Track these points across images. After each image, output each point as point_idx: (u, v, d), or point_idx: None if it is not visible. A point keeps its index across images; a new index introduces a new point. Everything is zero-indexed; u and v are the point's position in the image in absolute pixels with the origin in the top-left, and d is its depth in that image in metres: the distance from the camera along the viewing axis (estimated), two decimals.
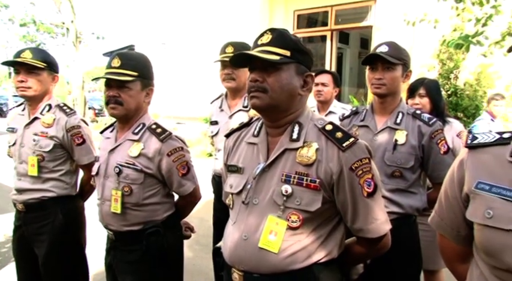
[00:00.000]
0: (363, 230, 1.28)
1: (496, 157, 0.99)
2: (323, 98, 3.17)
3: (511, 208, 0.91)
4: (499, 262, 0.92)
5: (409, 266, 2.00)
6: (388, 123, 1.95)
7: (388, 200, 1.91)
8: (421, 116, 1.93)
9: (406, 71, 1.95)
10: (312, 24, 9.93)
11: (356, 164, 1.24)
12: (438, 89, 2.69)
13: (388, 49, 1.90)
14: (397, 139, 1.90)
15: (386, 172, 1.91)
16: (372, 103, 2.06)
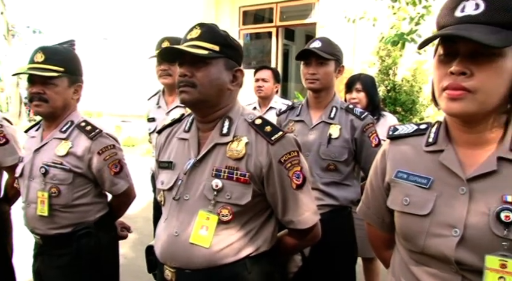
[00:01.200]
0: (293, 222, 1.30)
1: (414, 147, 1.04)
2: (264, 93, 3.20)
3: (425, 194, 0.96)
4: (415, 246, 0.96)
5: (345, 256, 2.07)
6: (323, 117, 1.99)
7: (324, 193, 1.96)
8: (354, 111, 1.99)
9: (339, 66, 2.00)
10: (258, 20, 9.98)
11: (285, 157, 1.25)
12: (374, 84, 2.80)
13: (321, 45, 1.94)
14: (331, 133, 1.95)
15: (322, 165, 1.96)
16: (307, 98, 2.09)
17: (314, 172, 1.97)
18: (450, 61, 0.87)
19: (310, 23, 8.97)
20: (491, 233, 0.86)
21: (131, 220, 4.38)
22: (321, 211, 1.95)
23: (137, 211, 4.54)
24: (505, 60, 0.84)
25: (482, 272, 0.86)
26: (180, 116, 1.50)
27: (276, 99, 3.25)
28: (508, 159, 0.89)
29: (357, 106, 2.63)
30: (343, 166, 1.95)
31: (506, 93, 0.86)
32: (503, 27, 0.82)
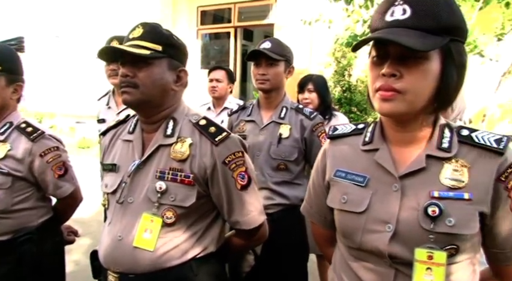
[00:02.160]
0: (239, 223, 1.31)
1: (352, 146, 1.07)
2: (218, 94, 3.19)
3: (361, 192, 0.99)
4: (353, 242, 1.00)
5: (297, 254, 2.10)
6: (273, 118, 2.02)
7: (275, 192, 1.98)
8: (303, 111, 2.03)
9: (289, 67, 2.03)
10: (216, 20, 9.95)
11: (229, 158, 1.26)
12: (325, 84, 2.86)
13: (271, 46, 1.96)
14: (281, 133, 1.98)
15: (272, 165, 1.98)
16: (258, 98, 2.11)
17: (265, 172, 1.99)
18: (382, 63, 0.90)
19: (268, 23, 9.04)
20: (420, 227, 0.90)
21: (85, 224, 4.26)
22: (272, 210, 1.99)
23: (92, 214, 4.40)
24: (430, 63, 0.88)
25: (412, 264, 0.90)
26: (125, 117, 1.47)
27: (230, 99, 3.25)
28: (436, 156, 0.94)
29: (308, 106, 2.69)
30: (294, 165, 1.98)
31: (432, 95, 0.91)
32: (428, 32, 0.86)
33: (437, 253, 0.89)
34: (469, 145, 0.94)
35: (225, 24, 9.59)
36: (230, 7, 9.31)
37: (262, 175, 2.00)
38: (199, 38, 9.74)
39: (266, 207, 1.98)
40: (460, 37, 0.91)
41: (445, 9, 0.87)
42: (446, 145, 0.94)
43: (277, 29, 8.71)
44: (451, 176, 0.91)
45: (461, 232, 0.88)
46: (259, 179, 2.00)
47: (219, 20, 9.90)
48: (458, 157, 0.93)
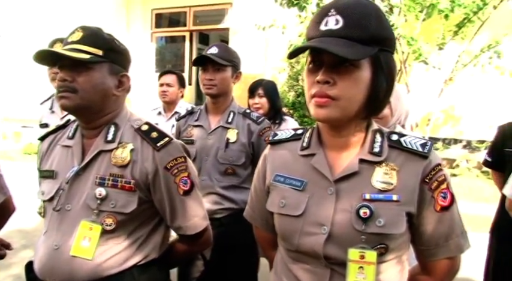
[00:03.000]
0: (182, 228, 1.30)
1: (291, 151, 1.10)
2: (168, 98, 3.17)
3: (299, 196, 1.02)
4: (291, 244, 1.02)
5: (247, 257, 2.12)
6: (221, 122, 2.03)
7: (223, 196, 1.99)
8: (251, 115, 2.05)
9: (236, 72, 2.05)
10: (172, 24, 9.85)
11: (171, 163, 1.25)
12: (275, 89, 2.91)
13: (218, 51, 1.97)
14: (228, 138, 1.99)
15: (220, 169, 1.99)
16: (206, 103, 2.12)
17: (213, 176, 2.00)
18: (317, 71, 0.94)
19: (224, 28, 9.07)
20: (353, 228, 0.94)
21: (29, 234, 4.07)
22: (221, 214, 2.00)
23: (36, 224, 4.20)
24: (361, 72, 0.92)
25: (346, 264, 0.94)
26: (65, 122, 1.43)
27: (181, 104, 3.23)
28: (368, 160, 0.98)
29: (259, 111, 2.72)
30: (241, 170, 2.00)
31: (364, 101, 0.95)
32: (359, 42, 0.90)
33: (369, 253, 0.93)
34: (398, 149, 0.99)
35: (180, 27, 9.52)
36: (185, 11, 9.26)
37: (210, 179, 2.00)
38: (153, 41, 9.60)
39: (214, 212, 2.01)
40: (388, 47, 0.96)
41: (374, 22, 0.92)
42: (377, 150, 0.98)
43: (232, 33, 8.75)
44: (381, 179, 0.96)
45: (390, 231, 0.93)
46: (207, 184, 2.01)
47: (174, 24, 9.82)
48: (388, 161, 0.98)
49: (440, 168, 0.98)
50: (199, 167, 2.03)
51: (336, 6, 0.92)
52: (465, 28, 6.04)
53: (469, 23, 5.96)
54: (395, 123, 1.86)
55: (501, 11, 5.94)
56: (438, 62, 6.04)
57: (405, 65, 6.33)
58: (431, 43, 6.10)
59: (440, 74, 6.40)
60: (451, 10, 5.51)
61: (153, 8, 9.35)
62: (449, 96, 6.76)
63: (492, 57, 5.92)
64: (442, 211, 0.98)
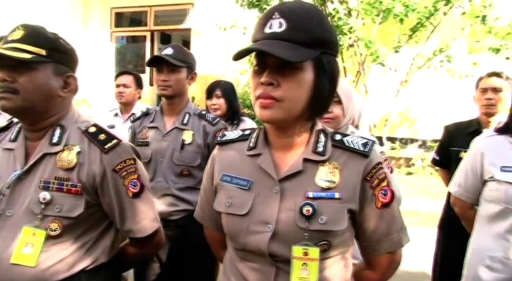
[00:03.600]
0: (132, 231, 1.28)
1: (238, 151, 1.11)
2: (125, 99, 3.11)
3: (245, 195, 1.03)
4: (238, 243, 1.04)
5: (203, 259, 2.11)
6: (176, 124, 2.02)
7: (179, 198, 1.98)
8: (206, 116, 2.05)
9: (191, 73, 2.05)
10: (133, 23, 9.67)
11: (120, 166, 1.24)
12: (233, 90, 2.92)
13: (173, 52, 1.96)
14: (184, 139, 1.99)
15: (175, 171, 1.98)
16: (161, 104, 2.10)
17: (168, 178, 1.99)
18: (262, 72, 0.95)
19: (185, 28, 9.00)
20: (296, 226, 0.96)
21: None
22: (177, 216, 1.99)
23: None
24: (304, 74, 0.94)
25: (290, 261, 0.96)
26: (7, 123, 1.38)
27: (139, 105, 3.18)
28: (312, 160, 1.01)
29: (216, 112, 2.73)
30: (197, 171, 2.00)
31: (308, 102, 0.97)
32: (301, 44, 0.92)
33: (312, 249, 0.95)
34: (341, 148, 1.02)
35: (141, 27, 9.36)
36: (146, 10, 9.11)
37: (165, 181, 1.99)
38: (113, 41, 9.39)
39: (170, 213, 2.00)
40: (331, 50, 0.99)
41: (317, 25, 0.94)
42: (321, 149, 1.01)
43: (194, 34, 8.70)
44: (324, 177, 0.99)
45: (332, 228, 0.96)
46: (162, 186, 1.99)
47: (136, 23, 9.64)
48: (331, 160, 1.01)
49: (381, 166, 1.02)
50: (154, 169, 2.01)
51: (280, 9, 0.94)
52: (418, 32, 6.30)
53: (422, 28, 6.22)
54: (348, 123, 1.91)
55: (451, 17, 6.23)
56: (394, 64, 6.27)
57: (363, 67, 6.53)
58: (388, 46, 6.32)
59: (396, 76, 6.63)
60: (405, 15, 5.73)
61: (112, 6, 9.14)
62: (405, 98, 7.01)
63: (443, 61, 6.21)
64: (382, 207, 1.02)
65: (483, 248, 1.70)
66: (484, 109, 2.41)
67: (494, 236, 1.65)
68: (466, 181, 1.80)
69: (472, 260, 1.76)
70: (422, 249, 2.74)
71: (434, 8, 5.81)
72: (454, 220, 2.04)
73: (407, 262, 4.29)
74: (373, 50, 5.95)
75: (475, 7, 5.90)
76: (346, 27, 6.02)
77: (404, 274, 3.88)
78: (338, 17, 6.07)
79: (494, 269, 1.62)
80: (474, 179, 1.75)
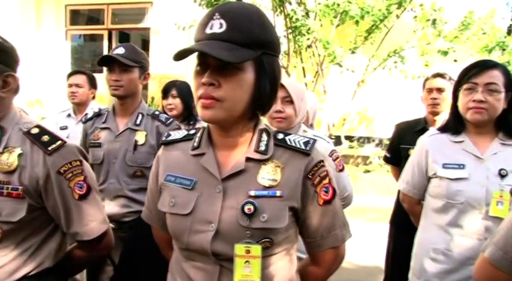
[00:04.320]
0: (79, 234, 1.26)
1: (183, 151, 1.11)
2: (78, 100, 3.03)
3: (188, 195, 1.03)
4: (181, 243, 1.04)
5: (158, 260, 2.09)
6: (129, 124, 1.99)
7: (132, 199, 1.96)
8: (159, 117, 2.04)
9: (144, 73, 2.02)
10: (90, 21, 9.38)
11: (65, 167, 1.20)
12: (189, 90, 2.90)
13: (124, 51, 1.93)
14: (137, 140, 1.96)
15: (128, 172, 1.96)
16: (114, 105, 2.06)
17: (121, 179, 1.96)
18: (204, 72, 0.96)
19: (144, 27, 8.83)
20: (238, 224, 0.97)
21: None
22: (130, 218, 1.96)
23: None
24: (245, 74, 0.96)
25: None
26: None
27: (93, 105, 3.10)
28: (254, 159, 1.02)
29: (172, 112, 2.71)
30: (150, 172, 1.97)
31: (249, 102, 0.99)
32: (241, 45, 0.93)
33: (254, 247, 0.97)
34: (283, 147, 1.04)
35: (98, 25, 9.10)
36: (103, 8, 8.86)
37: (118, 182, 1.96)
38: (69, 39, 9.07)
39: (123, 215, 1.97)
40: (272, 51, 1.00)
41: (257, 26, 0.96)
42: (263, 148, 1.03)
43: (154, 33, 8.56)
44: (266, 176, 1.01)
45: (273, 226, 0.97)
46: (115, 187, 1.96)
47: (93, 21, 9.36)
48: (273, 159, 1.02)
49: (323, 164, 1.05)
50: (107, 170, 1.98)
51: (220, 10, 0.95)
52: (374, 34, 6.50)
53: (377, 30, 6.42)
54: (301, 122, 1.95)
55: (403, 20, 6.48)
56: (351, 65, 6.44)
57: (322, 68, 6.66)
58: (345, 47, 6.48)
59: (353, 77, 6.81)
60: (361, 17, 5.90)
61: (67, 3, 8.83)
62: (363, 98, 7.22)
63: (397, 62, 6.44)
64: (324, 204, 1.04)
65: (427, 241, 1.78)
66: (430, 108, 2.54)
67: (437, 229, 1.73)
68: (412, 177, 1.88)
69: (418, 252, 1.84)
70: (380, 244, 2.84)
71: (387, 11, 6.02)
72: (404, 216, 2.13)
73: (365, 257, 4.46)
74: (331, 51, 6.08)
75: (426, 11, 6.16)
76: (304, 28, 6.13)
77: (360, 269, 4.02)
78: (296, 18, 6.16)
79: (438, 261, 1.71)
80: (420, 176, 1.83)
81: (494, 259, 1.04)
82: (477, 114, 1.63)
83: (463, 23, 6.33)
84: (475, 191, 1.62)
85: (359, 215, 5.35)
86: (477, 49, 6.24)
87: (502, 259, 1.02)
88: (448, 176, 1.68)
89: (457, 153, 1.70)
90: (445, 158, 1.72)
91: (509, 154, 1.64)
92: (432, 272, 1.72)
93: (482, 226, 1.61)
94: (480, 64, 1.68)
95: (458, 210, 1.65)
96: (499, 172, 1.62)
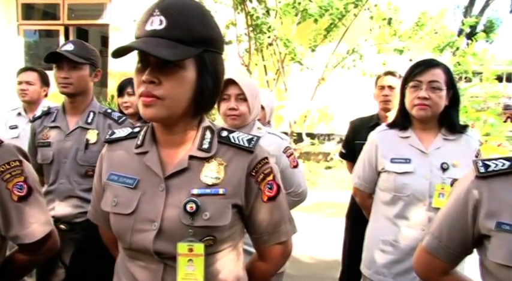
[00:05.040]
0: (19, 237, 1.20)
1: (127, 149, 1.09)
2: (28, 98, 2.91)
3: (131, 194, 1.02)
4: (124, 243, 1.03)
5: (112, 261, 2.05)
6: (80, 123, 1.95)
7: (83, 199, 1.92)
8: (112, 115, 2.00)
9: (94, 70, 1.98)
10: (44, 16, 9.04)
11: (2, 168, 1.15)
12: None
13: (74, 48, 1.88)
14: (88, 138, 1.92)
15: (80, 171, 1.91)
16: (63, 103, 2.01)
17: (72, 179, 1.91)
18: (145, 70, 0.94)
19: (103, 23, 8.62)
20: (181, 223, 0.97)
21: None
22: (82, 218, 1.92)
23: None
24: (186, 72, 0.94)
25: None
26: None
27: (46, 103, 2.98)
28: (197, 157, 1.02)
29: (128, 110, 2.66)
30: None
31: (191, 100, 0.97)
32: (182, 42, 0.92)
33: (196, 245, 0.96)
34: (227, 144, 1.04)
35: (53, 21, 8.77)
36: (58, 2, 8.56)
37: (69, 182, 1.91)
38: (21, 35, 8.70)
39: (75, 216, 1.93)
40: (215, 48, 0.99)
41: (198, 23, 0.94)
42: (206, 146, 1.02)
43: (113, 29, 8.35)
44: (209, 174, 1.00)
45: (215, 224, 0.98)
46: (66, 188, 1.91)
47: (48, 16, 9.02)
48: (217, 156, 1.02)
49: (267, 161, 1.05)
50: (57, 170, 1.92)
51: (160, 6, 0.93)
52: (332, 32, 6.62)
53: (335, 28, 6.54)
54: (255, 119, 1.97)
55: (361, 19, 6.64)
56: (311, 63, 6.54)
57: (283, 65, 6.72)
58: (305, 45, 6.57)
59: (314, 75, 6.92)
60: (319, 15, 6.00)
61: None
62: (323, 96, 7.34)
63: (355, 60, 6.60)
64: (269, 201, 1.05)
65: (377, 233, 1.85)
66: (382, 105, 2.63)
67: (386, 221, 1.80)
68: (364, 172, 1.94)
69: (368, 244, 1.91)
70: (339, 238, 2.92)
71: (345, 9, 6.15)
72: (359, 210, 2.19)
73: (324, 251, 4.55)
74: (291, 49, 6.15)
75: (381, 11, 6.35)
76: (265, 26, 6.16)
77: (320, 263, 4.10)
78: (257, 16, 6.18)
79: (386, 252, 1.78)
80: (371, 171, 1.90)
81: (430, 247, 1.09)
82: (421, 111, 1.70)
83: (417, 23, 6.56)
84: (420, 184, 1.70)
85: (319, 211, 5.46)
86: (430, 49, 6.48)
87: (438, 247, 1.08)
88: (395, 170, 1.75)
89: (404, 148, 1.77)
90: (393, 153, 1.78)
91: (451, 149, 1.73)
92: (381, 263, 1.79)
93: (426, 217, 1.68)
94: (424, 63, 1.76)
95: (405, 202, 1.73)
96: (441, 165, 1.70)
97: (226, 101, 1.84)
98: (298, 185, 1.98)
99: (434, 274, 1.12)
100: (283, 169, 1.93)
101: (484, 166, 1.00)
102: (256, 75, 7.38)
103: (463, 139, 1.76)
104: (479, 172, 0.99)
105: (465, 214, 1.01)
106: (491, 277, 0.96)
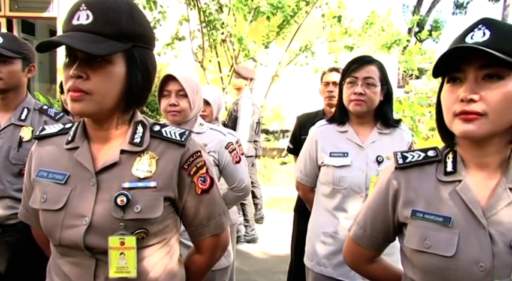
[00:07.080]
0: None
1: (57, 146, 1.07)
2: None
3: (60, 190, 1.01)
4: (54, 239, 1.01)
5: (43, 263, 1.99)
6: (12, 120, 1.86)
7: (17, 200, 1.82)
8: (48, 111, 1.93)
9: (28, 65, 1.89)
10: None
11: None
12: None
13: (3, 41, 1.79)
14: (22, 136, 1.84)
15: (13, 171, 1.83)
16: None
17: (4, 179, 1.83)
18: (72, 65, 0.93)
19: (50, 17, 8.24)
20: (112, 216, 0.97)
21: None
22: (17, 220, 1.82)
23: None
24: (115, 67, 0.94)
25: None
26: None
27: None
28: (129, 151, 1.02)
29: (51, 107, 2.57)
30: None
31: (122, 95, 0.98)
32: (109, 37, 0.92)
33: (128, 238, 0.97)
34: (159, 138, 1.05)
35: None
36: None
37: (1, 182, 1.82)
38: None
39: (8, 217, 1.85)
40: (145, 44, 1.00)
41: (126, 18, 0.94)
42: (138, 140, 1.03)
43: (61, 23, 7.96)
44: (141, 167, 1.01)
45: (147, 216, 0.98)
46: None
47: None
48: (149, 150, 1.03)
49: (200, 155, 1.07)
50: None
51: (87, 1, 0.92)
52: (285, 29, 6.70)
53: (288, 25, 6.63)
54: (197, 115, 1.96)
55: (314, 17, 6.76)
56: (265, 60, 6.58)
57: (237, 62, 6.73)
58: (259, 42, 6.61)
59: (268, 72, 6.98)
60: (271, 12, 6.05)
61: None
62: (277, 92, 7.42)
63: (308, 57, 6.72)
64: (202, 194, 1.07)
65: (318, 225, 1.90)
66: (327, 101, 2.69)
67: (326, 214, 1.86)
68: (305, 166, 1.98)
69: (310, 236, 1.96)
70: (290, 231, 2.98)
71: (297, 7, 6.24)
72: (304, 204, 2.24)
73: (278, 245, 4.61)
74: (245, 46, 6.17)
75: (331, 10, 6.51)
76: (218, 22, 6.14)
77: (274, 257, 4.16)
78: (209, 12, 6.15)
79: (327, 243, 1.83)
80: (311, 165, 1.94)
81: (357, 237, 1.14)
82: (357, 106, 1.76)
83: (366, 22, 6.77)
84: (356, 177, 1.76)
85: (275, 206, 5.52)
86: (378, 46, 6.71)
87: (363, 236, 1.12)
88: (334, 163, 1.80)
89: (342, 142, 1.83)
90: (331, 147, 1.84)
91: (385, 142, 1.80)
92: (322, 254, 1.84)
93: None
94: (359, 60, 1.82)
95: (343, 195, 1.78)
96: (376, 158, 1.77)
97: (167, 97, 1.82)
98: (241, 181, 2.00)
99: (360, 262, 1.17)
100: (225, 164, 1.94)
101: (402, 157, 1.05)
102: (212, 71, 7.35)
103: (397, 133, 1.84)
104: (398, 163, 1.04)
105: (386, 203, 1.05)
106: (408, 263, 1.01)
